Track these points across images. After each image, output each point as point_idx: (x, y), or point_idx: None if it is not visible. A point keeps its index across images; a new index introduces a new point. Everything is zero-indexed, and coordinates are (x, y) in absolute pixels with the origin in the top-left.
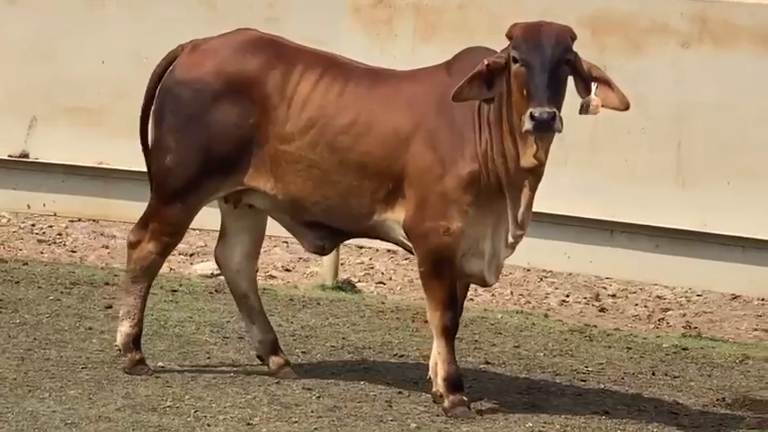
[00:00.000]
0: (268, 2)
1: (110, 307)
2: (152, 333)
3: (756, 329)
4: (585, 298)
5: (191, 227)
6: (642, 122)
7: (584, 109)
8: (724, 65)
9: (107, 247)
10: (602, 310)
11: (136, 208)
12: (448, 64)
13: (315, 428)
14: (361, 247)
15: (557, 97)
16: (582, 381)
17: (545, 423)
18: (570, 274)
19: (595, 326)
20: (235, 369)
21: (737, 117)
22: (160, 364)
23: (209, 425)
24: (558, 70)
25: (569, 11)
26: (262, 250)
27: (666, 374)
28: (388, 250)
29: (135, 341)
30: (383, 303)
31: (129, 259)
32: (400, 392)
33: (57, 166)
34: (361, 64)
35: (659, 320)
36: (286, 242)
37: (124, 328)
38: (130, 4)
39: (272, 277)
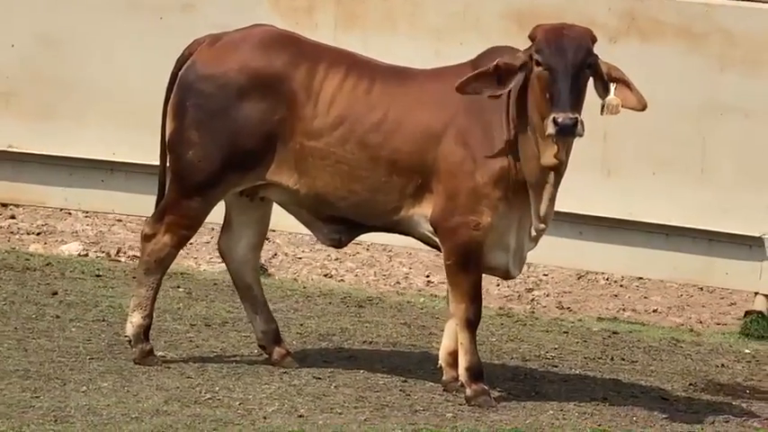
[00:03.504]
0: None
1: (55, 293)
2: (115, 322)
3: (678, 314)
4: (509, 285)
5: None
6: None
7: (605, 110)
8: (650, 60)
9: (13, 232)
10: (530, 290)
11: (45, 192)
12: (474, 63)
13: (365, 419)
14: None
15: (579, 102)
16: (554, 366)
17: (561, 410)
18: None
19: (532, 311)
20: (232, 358)
21: (662, 110)
22: (161, 354)
23: (265, 417)
24: (581, 74)
25: (496, 3)
26: (202, 239)
27: (623, 359)
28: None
29: (146, 332)
30: (305, 288)
31: (144, 252)
32: (405, 381)
33: None
34: (382, 62)
35: (584, 305)
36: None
37: (135, 320)
38: None
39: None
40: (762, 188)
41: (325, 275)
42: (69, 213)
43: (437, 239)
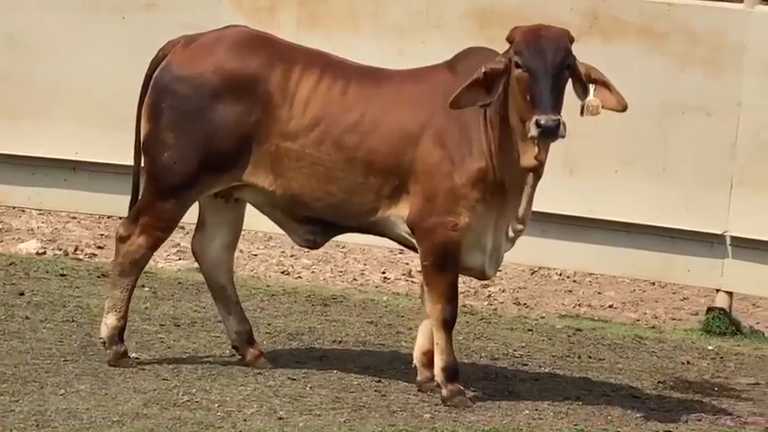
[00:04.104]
0: None
1: (22, 294)
2: (84, 323)
3: (633, 309)
4: (464, 281)
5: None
6: None
7: (585, 111)
8: (613, 59)
9: None
10: (485, 286)
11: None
12: (450, 64)
13: (344, 421)
14: None
15: (559, 103)
16: (523, 365)
17: (536, 410)
18: None
19: (495, 309)
20: (205, 359)
21: None
22: (134, 355)
23: (245, 420)
24: (560, 76)
25: (459, 2)
26: None
27: (590, 357)
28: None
29: (120, 334)
30: (268, 287)
31: (118, 253)
32: (379, 381)
33: None
34: (357, 63)
35: (540, 301)
36: (183, 227)
37: (110, 321)
38: None
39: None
40: (723, 186)
41: (282, 272)
42: (23, 211)
43: (414, 240)
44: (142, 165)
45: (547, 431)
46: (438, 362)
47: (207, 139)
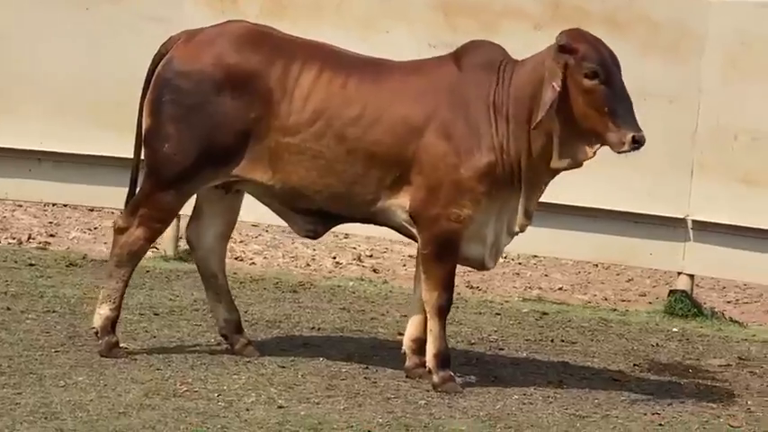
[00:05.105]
0: None
1: None
2: (65, 313)
3: (582, 291)
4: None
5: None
6: None
7: None
8: None
9: None
10: None
11: None
12: (456, 57)
13: (343, 409)
14: None
15: None
16: (500, 349)
17: (524, 395)
18: None
19: (458, 293)
20: (192, 348)
21: None
22: (122, 345)
23: (247, 409)
24: None
25: None
26: (103, 223)
27: (563, 341)
28: None
29: (113, 325)
30: (236, 274)
31: (116, 244)
32: (366, 368)
33: None
34: (361, 54)
35: (490, 284)
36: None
37: (104, 311)
38: None
39: None
40: (685, 171)
41: (236, 258)
42: None
43: (413, 230)
44: (142, 157)
45: (539, 415)
46: (431, 348)
47: (207, 133)
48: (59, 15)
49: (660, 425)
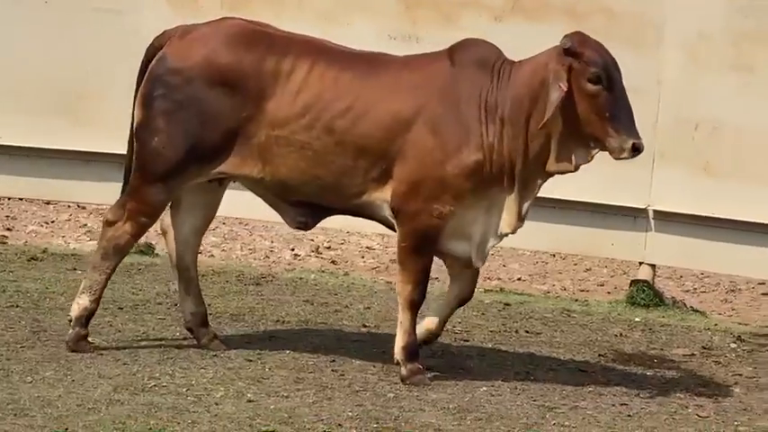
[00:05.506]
0: None
1: None
2: (29, 308)
3: (541, 282)
4: (374, 256)
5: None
6: None
7: None
8: (535, 38)
9: None
10: (394, 261)
11: None
12: (450, 53)
13: (312, 402)
14: None
15: None
16: (465, 341)
17: (492, 386)
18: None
19: None
20: (157, 342)
21: None
22: (89, 339)
23: (217, 404)
24: None
25: None
26: (60, 216)
27: (527, 332)
28: None
29: (89, 317)
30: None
31: (103, 237)
32: (333, 361)
33: None
34: (354, 49)
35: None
36: (84, 207)
37: (83, 302)
38: None
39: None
40: (645, 162)
41: None
42: None
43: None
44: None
45: (508, 407)
46: (400, 341)
47: (197, 131)
48: (17, 9)
49: (629, 416)
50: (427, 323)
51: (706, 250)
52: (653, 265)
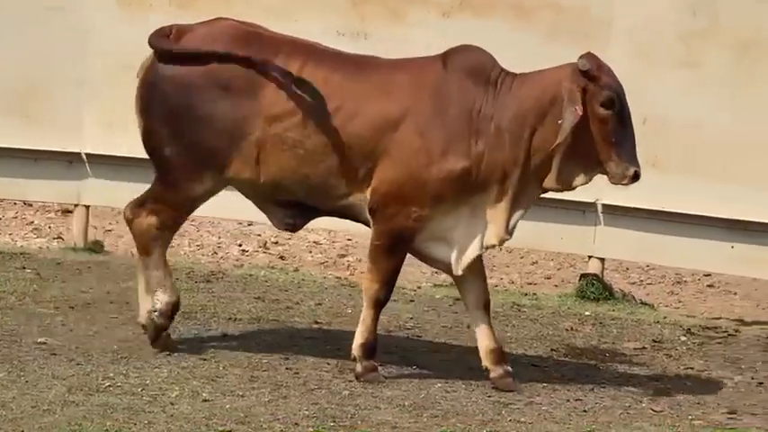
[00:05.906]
0: None
1: None
2: None
3: (493, 276)
4: (321, 251)
5: None
6: None
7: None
8: (483, 34)
9: None
10: (342, 256)
11: None
12: (444, 59)
13: (267, 401)
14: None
15: None
16: (418, 336)
17: (447, 383)
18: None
19: None
20: (110, 341)
21: None
22: (40, 339)
23: (172, 403)
24: None
25: None
26: (6, 213)
27: None
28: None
29: (173, 310)
30: None
31: (133, 235)
32: (287, 359)
33: None
34: (345, 52)
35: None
36: (31, 205)
37: (161, 297)
38: None
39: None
40: None
41: None
42: None
43: None
44: None
45: (464, 403)
46: (359, 337)
47: (193, 135)
48: None
49: (584, 411)
50: (484, 345)
51: (655, 244)
52: (602, 259)
